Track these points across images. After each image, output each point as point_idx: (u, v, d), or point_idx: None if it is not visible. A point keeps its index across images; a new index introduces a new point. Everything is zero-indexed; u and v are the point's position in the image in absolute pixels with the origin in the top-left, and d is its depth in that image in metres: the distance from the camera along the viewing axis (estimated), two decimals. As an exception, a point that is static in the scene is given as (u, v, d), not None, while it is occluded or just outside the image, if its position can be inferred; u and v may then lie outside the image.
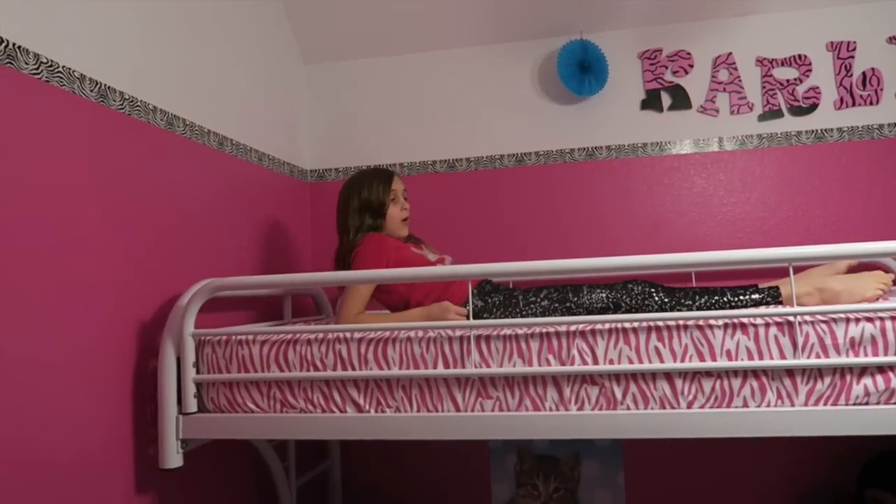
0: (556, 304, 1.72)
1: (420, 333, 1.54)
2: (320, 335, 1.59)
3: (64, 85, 1.47)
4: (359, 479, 2.60)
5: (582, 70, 2.47)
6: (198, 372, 1.64)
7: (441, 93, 2.68)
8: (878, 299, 1.56)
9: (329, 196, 2.68)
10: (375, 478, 2.60)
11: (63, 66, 1.47)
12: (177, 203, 1.87)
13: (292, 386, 1.59)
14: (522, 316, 1.73)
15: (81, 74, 1.52)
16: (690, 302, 1.64)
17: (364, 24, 2.62)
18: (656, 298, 1.67)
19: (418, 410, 1.53)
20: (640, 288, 1.69)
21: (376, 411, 1.55)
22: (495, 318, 1.75)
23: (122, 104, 1.66)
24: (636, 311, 1.66)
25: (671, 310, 1.64)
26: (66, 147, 1.47)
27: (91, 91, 1.55)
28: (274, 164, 2.46)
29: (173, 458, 1.59)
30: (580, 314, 1.69)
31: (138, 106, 1.72)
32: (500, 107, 2.64)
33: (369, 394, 1.56)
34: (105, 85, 1.60)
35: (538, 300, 1.74)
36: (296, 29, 2.66)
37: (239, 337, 1.63)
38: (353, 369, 1.56)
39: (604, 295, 1.71)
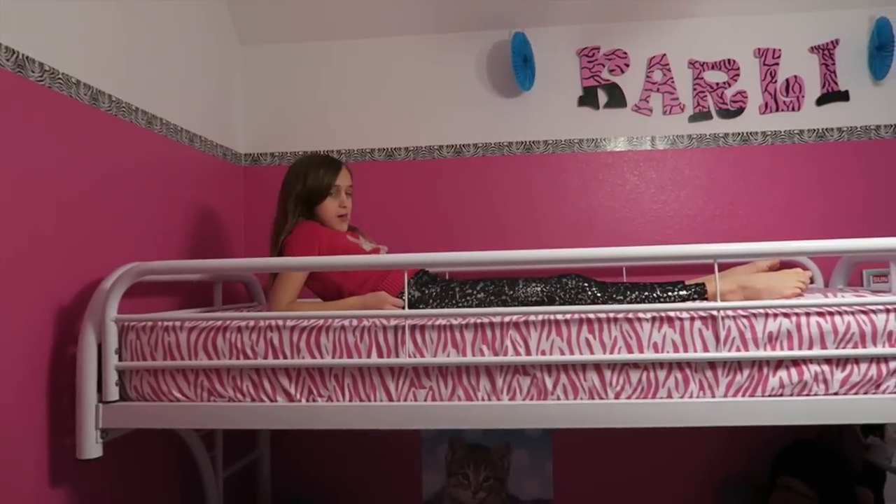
0: (492, 297, 1.74)
1: (354, 322, 1.53)
2: (251, 323, 1.55)
3: (-23, 52, 1.38)
4: (289, 469, 2.56)
5: (525, 63, 2.49)
6: (120, 359, 1.57)
7: (381, 81, 2.65)
8: (796, 296, 1.64)
9: (264, 181, 2.63)
10: (306, 468, 2.57)
11: (-24, 33, 1.38)
12: (101, 182, 1.78)
13: (221, 374, 1.55)
14: (458, 307, 1.74)
15: (-3, 42, 1.44)
16: (622, 297, 1.69)
17: (304, 6, 2.56)
18: (589, 293, 1.70)
19: (351, 400, 1.52)
20: (573, 282, 1.72)
21: (307, 400, 1.53)
22: (432, 308, 1.74)
23: (41, 76, 1.57)
24: (570, 305, 1.69)
25: (603, 304, 1.68)
26: (-22, 119, 1.38)
27: (8, 61, 1.46)
28: (206, 147, 2.38)
29: (91, 448, 1.52)
30: (515, 307, 1.70)
31: (60, 79, 1.63)
32: (439, 97, 2.63)
33: (301, 383, 1.53)
34: (23, 55, 1.51)
35: (474, 292, 1.75)
36: (232, 7, 2.58)
37: (165, 323, 1.57)
38: (285, 358, 1.53)
39: (538, 288, 1.73)
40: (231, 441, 2.28)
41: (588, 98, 2.57)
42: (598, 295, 1.70)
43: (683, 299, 1.66)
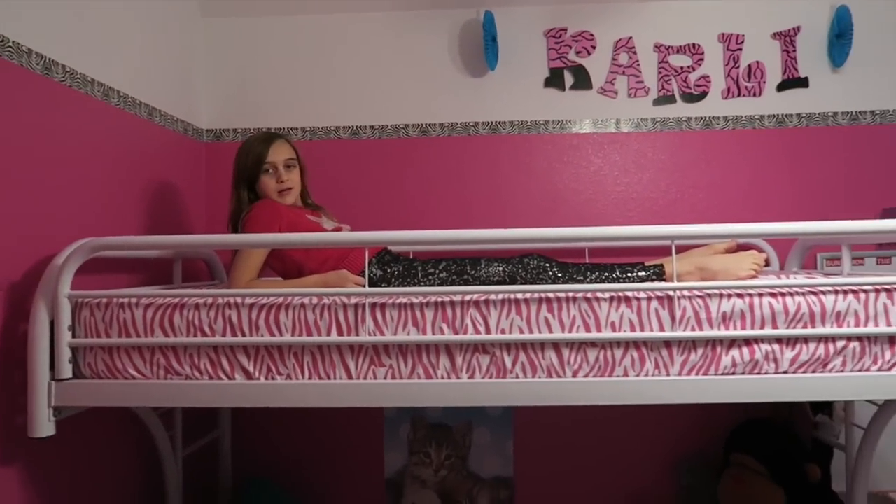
0: (455, 277, 1.74)
1: (314, 300, 1.52)
2: (209, 300, 1.53)
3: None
4: (250, 448, 2.55)
5: (493, 43, 2.48)
6: (74, 336, 1.54)
7: (347, 57, 2.62)
8: (751, 278, 1.67)
9: (226, 157, 2.55)
10: (267, 447, 2.56)
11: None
12: (55, 155, 1.73)
13: (178, 352, 1.53)
14: (421, 286, 1.74)
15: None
16: (582, 277, 1.70)
17: (268, -21, 2.51)
18: (550, 273, 1.71)
19: (310, 378, 1.51)
20: (535, 262, 1.74)
21: (266, 378, 1.52)
22: (394, 287, 1.74)
23: (-10, 43, 1.51)
24: (531, 285, 1.70)
25: (564, 284, 1.69)
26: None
27: (-48, 26, 1.41)
28: (166, 121, 2.33)
29: (44, 426, 1.49)
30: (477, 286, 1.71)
31: (10, 47, 1.57)
32: (406, 76, 2.61)
33: (260, 360, 1.52)
34: (-30, 20, 1.45)
35: (437, 272, 1.75)
36: (194, -22, 2.52)
37: (120, 300, 1.55)
38: (244, 335, 1.51)
39: (500, 268, 1.74)
40: (191, 420, 2.26)
41: (554, 79, 2.57)
42: (559, 275, 1.71)
43: (642, 280, 1.68)
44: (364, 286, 1.65)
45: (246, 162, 1.94)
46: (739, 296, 1.47)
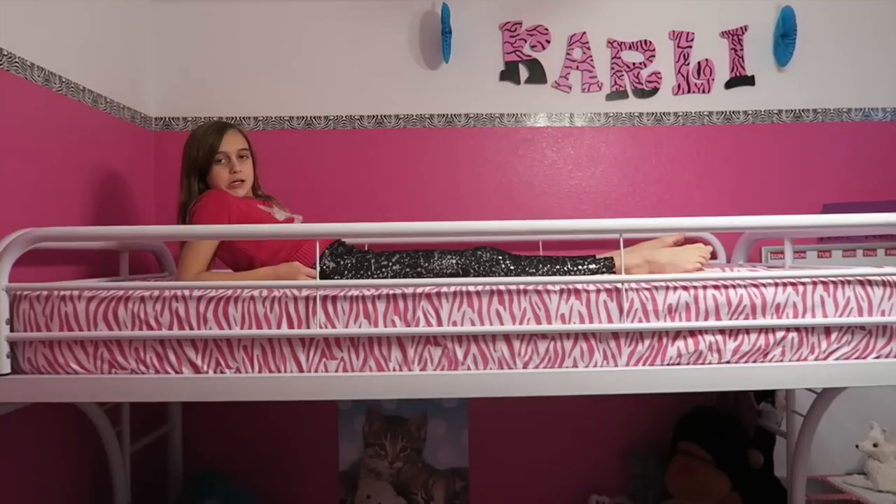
0: (408, 269, 1.74)
1: (264, 293, 1.50)
2: (155, 292, 1.50)
3: None
4: (201, 443, 2.51)
5: (449, 35, 2.47)
6: (12, 330, 1.49)
7: (301, 46, 2.58)
8: (698, 270, 1.71)
9: (176, 147, 2.49)
10: (219, 440, 2.52)
11: None
12: (-9, 143, 1.67)
13: (122, 346, 1.49)
14: (373, 279, 1.73)
15: None
16: (534, 269, 1.72)
17: (219, -35, 2.45)
18: (503, 265, 1.73)
19: (260, 371, 1.50)
20: (488, 255, 1.75)
21: (215, 372, 1.49)
22: (346, 279, 1.73)
23: (-80, 24, 1.44)
24: (484, 277, 1.71)
25: (517, 276, 1.71)
26: None
27: None
28: (112, 108, 2.26)
29: (-19, 423, 1.45)
30: (429, 278, 1.71)
31: (-58, 28, 1.51)
32: (361, 66, 2.58)
33: (208, 354, 1.49)
34: None
35: (390, 264, 1.75)
36: (142, -39, 2.45)
37: (61, 293, 1.50)
38: (191, 329, 1.49)
39: (454, 261, 1.74)
40: (139, 415, 2.21)
41: (509, 73, 2.58)
42: (512, 268, 1.73)
43: (592, 272, 1.71)
44: (315, 278, 1.63)
45: (197, 152, 1.90)
46: (685, 288, 1.51)
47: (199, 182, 1.92)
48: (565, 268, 1.72)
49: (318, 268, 1.58)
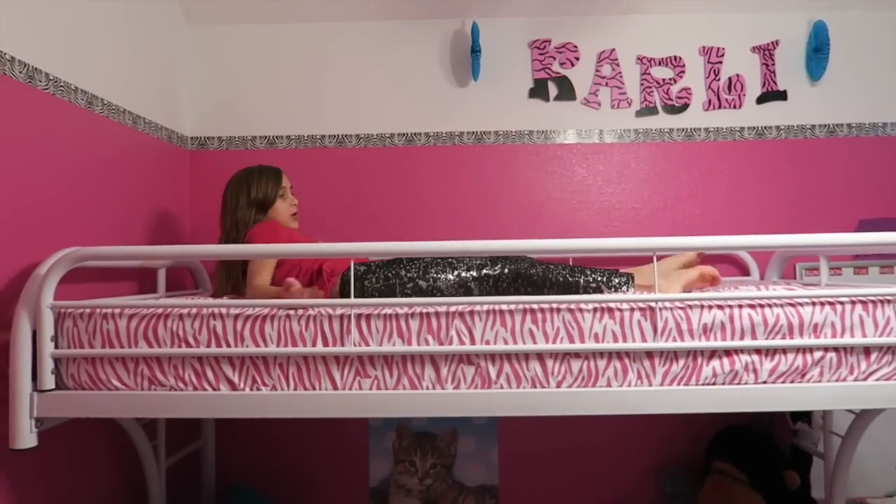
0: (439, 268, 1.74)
1: (300, 311, 1.52)
2: (193, 310, 1.53)
3: None
4: (234, 458, 2.54)
5: (478, 53, 2.49)
6: (56, 346, 1.53)
7: (332, 66, 2.62)
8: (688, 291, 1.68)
9: (211, 165, 2.58)
10: (251, 457, 2.55)
11: None
12: (38, 164, 1.72)
13: (162, 363, 1.52)
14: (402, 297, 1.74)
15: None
16: (553, 275, 1.69)
17: (254, -12, 2.51)
18: (533, 272, 1.71)
19: (295, 388, 1.52)
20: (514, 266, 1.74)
21: (251, 389, 1.52)
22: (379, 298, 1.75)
23: (-27, 52, 1.50)
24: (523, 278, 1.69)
25: (544, 277, 1.69)
26: None
27: (-65, 35, 1.40)
28: (151, 129, 2.32)
29: (26, 437, 1.48)
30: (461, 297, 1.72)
31: (-7, 55, 1.57)
32: (391, 85, 2.62)
33: (245, 371, 1.52)
34: (-47, 29, 1.44)
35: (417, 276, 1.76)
36: (179, -14, 2.51)
37: (104, 310, 1.54)
38: (228, 346, 1.51)
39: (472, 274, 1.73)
40: (174, 430, 2.25)
41: (538, 90, 2.60)
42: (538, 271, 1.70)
43: (617, 287, 1.68)
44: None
45: (266, 189, 2.07)
46: (720, 307, 1.50)
47: (261, 215, 2.07)
48: (584, 277, 1.69)
49: (352, 286, 1.60)
